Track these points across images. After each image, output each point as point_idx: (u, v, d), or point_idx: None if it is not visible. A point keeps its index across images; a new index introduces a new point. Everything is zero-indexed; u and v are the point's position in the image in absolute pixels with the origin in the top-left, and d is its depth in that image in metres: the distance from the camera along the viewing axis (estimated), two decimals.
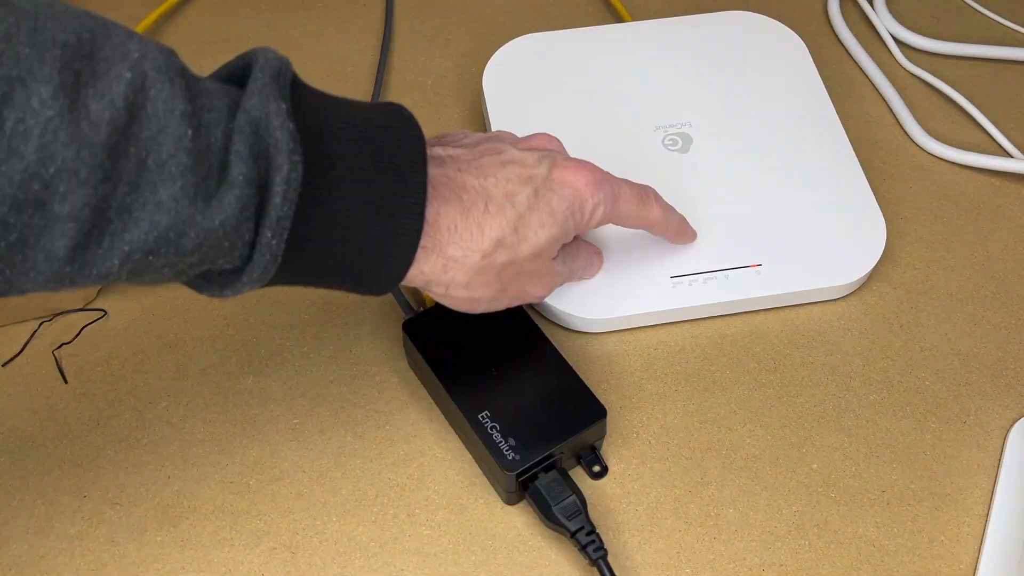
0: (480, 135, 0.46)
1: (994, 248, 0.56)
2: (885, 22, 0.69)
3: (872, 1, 0.71)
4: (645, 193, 0.48)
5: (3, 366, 0.51)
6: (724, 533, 0.45)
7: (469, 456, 0.48)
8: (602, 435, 0.47)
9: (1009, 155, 0.61)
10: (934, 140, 0.61)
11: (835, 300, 0.53)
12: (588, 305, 0.51)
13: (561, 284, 0.49)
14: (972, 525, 0.46)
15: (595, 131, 0.57)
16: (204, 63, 0.68)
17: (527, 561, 0.44)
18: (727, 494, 0.47)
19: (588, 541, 0.43)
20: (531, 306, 0.52)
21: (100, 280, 0.33)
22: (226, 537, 0.45)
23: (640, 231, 0.52)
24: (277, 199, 0.34)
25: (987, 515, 0.46)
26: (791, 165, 0.56)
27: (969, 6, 0.71)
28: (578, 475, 0.47)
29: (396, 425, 0.49)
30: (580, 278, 0.51)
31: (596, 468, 0.47)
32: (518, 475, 0.44)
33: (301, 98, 0.37)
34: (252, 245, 0.35)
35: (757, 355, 0.52)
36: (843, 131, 0.58)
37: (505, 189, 0.42)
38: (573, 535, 0.43)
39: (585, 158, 0.46)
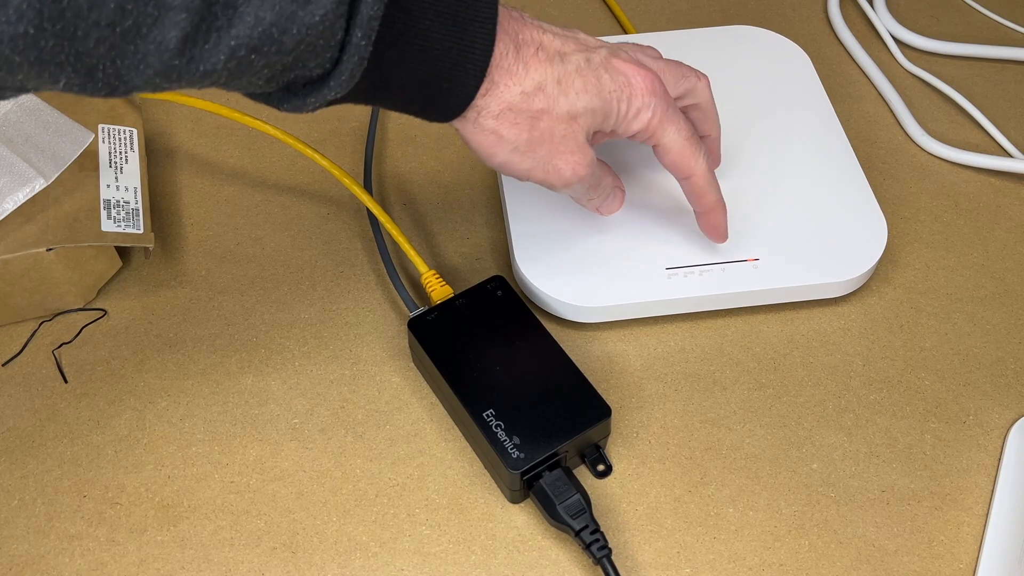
0: None
1: (994, 248, 0.56)
2: (885, 22, 0.69)
3: (872, 1, 0.71)
4: (698, 140, 0.47)
5: (3, 366, 0.51)
6: (724, 533, 0.45)
7: (469, 456, 0.48)
8: (606, 434, 0.47)
9: (1009, 155, 0.61)
10: (934, 140, 0.61)
11: (835, 300, 0.54)
12: (582, 294, 0.51)
13: (588, 184, 0.47)
14: (972, 525, 0.46)
15: None
16: None
17: (527, 561, 0.44)
18: (727, 494, 0.47)
19: (592, 540, 0.43)
20: (528, 298, 0.53)
21: (204, 78, 0.34)
22: (226, 537, 0.45)
23: (642, 217, 0.53)
24: None
25: (987, 515, 0.46)
26: (791, 165, 0.56)
27: (969, 6, 0.71)
28: (582, 473, 0.47)
29: (396, 425, 0.49)
30: (600, 203, 0.51)
31: (601, 467, 0.47)
32: (522, 473, 0.44)
33: None
34: (341, 47, 0.36)
35: (757, 355, 0.52)
36: (844, 135, 0.58)
37: (559, 47, 0.43)
38: (577, 534, 0.43)
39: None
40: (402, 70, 0.40)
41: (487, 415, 0.45)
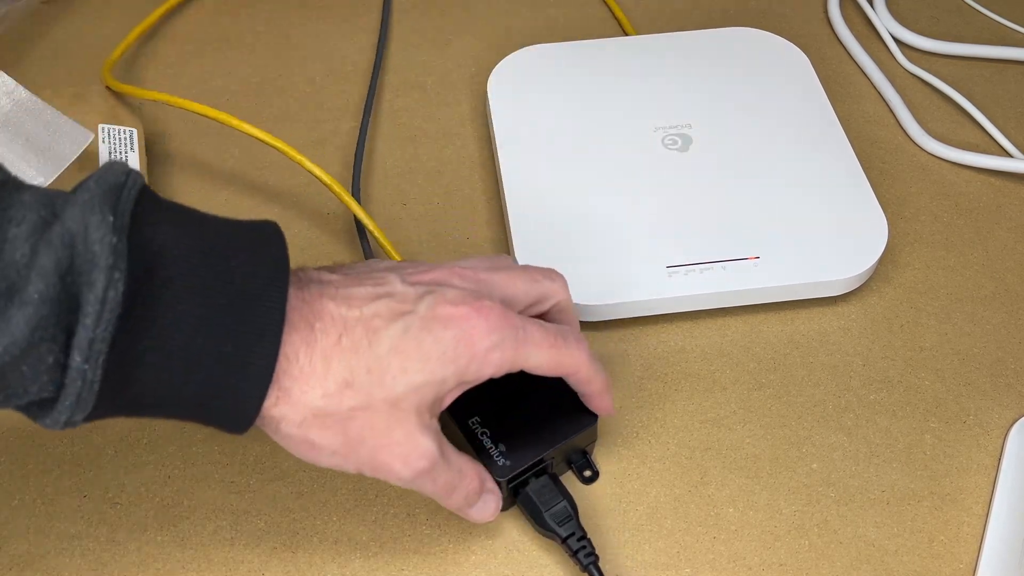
0: (381, 263, 0.41)
1: (994, 248, 0.56)
2: (885, 22, 0.69)
3: (872, 1, 0.71)
4: (562, 334, 0.41)
5: None
6: (724, 533, 0.45)
7: None
8: (593, 440, 0.47)
9: (1009, 155, 0.61)
10: (934, 140, 0.61)
11: (835, 300, 0.54)
12: (584, 293, 0.51)
13: (436, 484, 0.39)
14: (972, 525, 0.46)
15: (595, 133, 0.58)
16: (204, 63, 0.68)
17: (528, 561, 0.44)
18: (727, 494, 0.47)
19: (579, 547, 0.43)
20: None
21: None
22: (226, 537, 0.45)
23: (642, 216, 0.52)
24: (89, 320, 0.30)
25: (987, 515, 0.46)
26: (791, 165, 0.56)
27: (969, 6, 0.71)
28: (569, 479, 0.47)
29: None
30: (463, 504, 0.41)
31: (587, 473, 0.47)
32: (508, 481, 0.44)
33: (149, 212, 0.33)
34: (64, 369, 0.31)
35: (757, 355, 0.52)
36: (844, 135, 0.58)
37: (369, 324, 0.37)
38: (564, 541, 0.43)
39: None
40: (160, 390, 0.34)
41: (472, 423, 0.45)
